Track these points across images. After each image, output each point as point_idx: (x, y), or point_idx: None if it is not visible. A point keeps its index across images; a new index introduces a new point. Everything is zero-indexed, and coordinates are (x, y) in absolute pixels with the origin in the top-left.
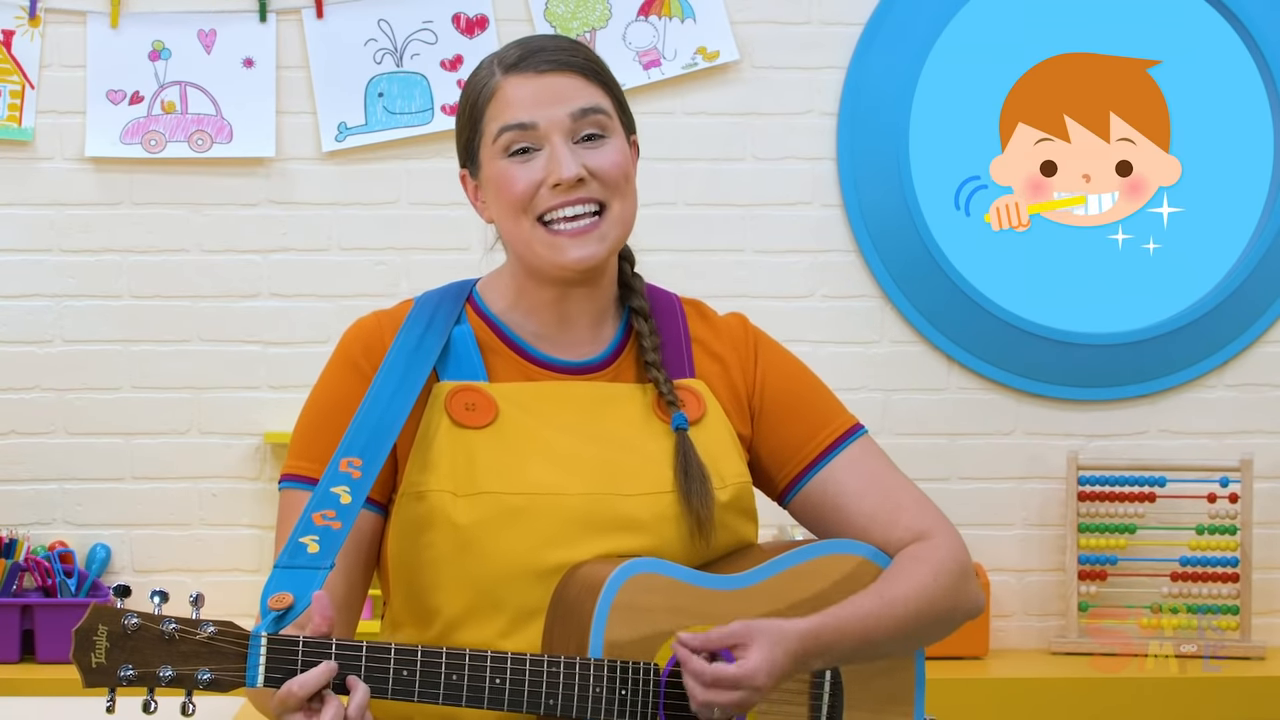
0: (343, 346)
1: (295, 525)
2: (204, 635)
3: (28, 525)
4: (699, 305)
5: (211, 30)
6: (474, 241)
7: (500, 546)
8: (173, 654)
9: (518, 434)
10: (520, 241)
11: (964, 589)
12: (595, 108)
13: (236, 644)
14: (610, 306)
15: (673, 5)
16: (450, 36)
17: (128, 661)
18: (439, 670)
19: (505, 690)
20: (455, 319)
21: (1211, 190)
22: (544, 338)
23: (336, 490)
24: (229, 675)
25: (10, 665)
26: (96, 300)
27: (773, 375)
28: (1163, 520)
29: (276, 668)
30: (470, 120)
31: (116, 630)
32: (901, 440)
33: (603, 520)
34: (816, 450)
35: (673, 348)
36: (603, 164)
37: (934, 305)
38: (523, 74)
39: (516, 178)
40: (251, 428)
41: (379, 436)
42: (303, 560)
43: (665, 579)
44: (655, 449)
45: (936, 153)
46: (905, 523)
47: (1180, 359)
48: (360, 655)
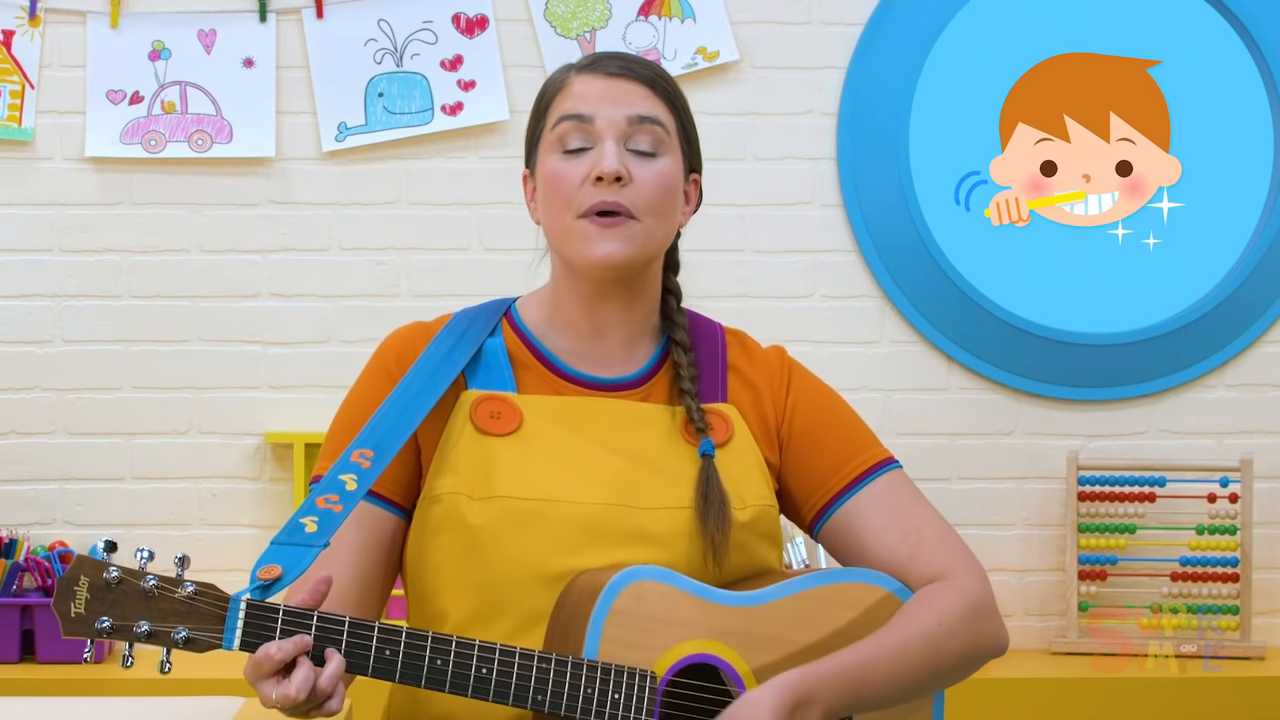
0: (378, 354)
1: (301, 505)
2: (183, 594)
3: (28, 525)
4: (741, 336)
5: (211, 30)
6: (474, 241)
7: (509, 550)
8: (151, 610)
9: (540, 443)
10: (560, 238)
11: (979, 630)
12: (654, 117)
13: (215, 605)
14: (648, 330)
15: (673, 5)
16: (450, 36)
17: (106, 614)
18: (423, 653)
19: (491, 680)
20: (490, 331)
21: (1211, 190)
22: (577, 353)
23: (344, 478)
24: (206, 636)
25: (10, 665)
26: (96, 300)
27: (803, 405)
28: (1163, 520)
29: (254, 633)
30: (536, 114)
31: (98, 582)
32: (901, 440)
33: (616, 530)
34: (843, 482)
35: (708, 372)
36: (645, 176)
37: (934, 305)
38: (592, 73)
39: (564, 173)
40: (251, 428)
41: (394, 431)
42: (299, 538)
43: (669, 588)
44: (678, 470)
45: (936, 153)
46: (925, 560)
47: (1180, 359)
48: (342, 629)
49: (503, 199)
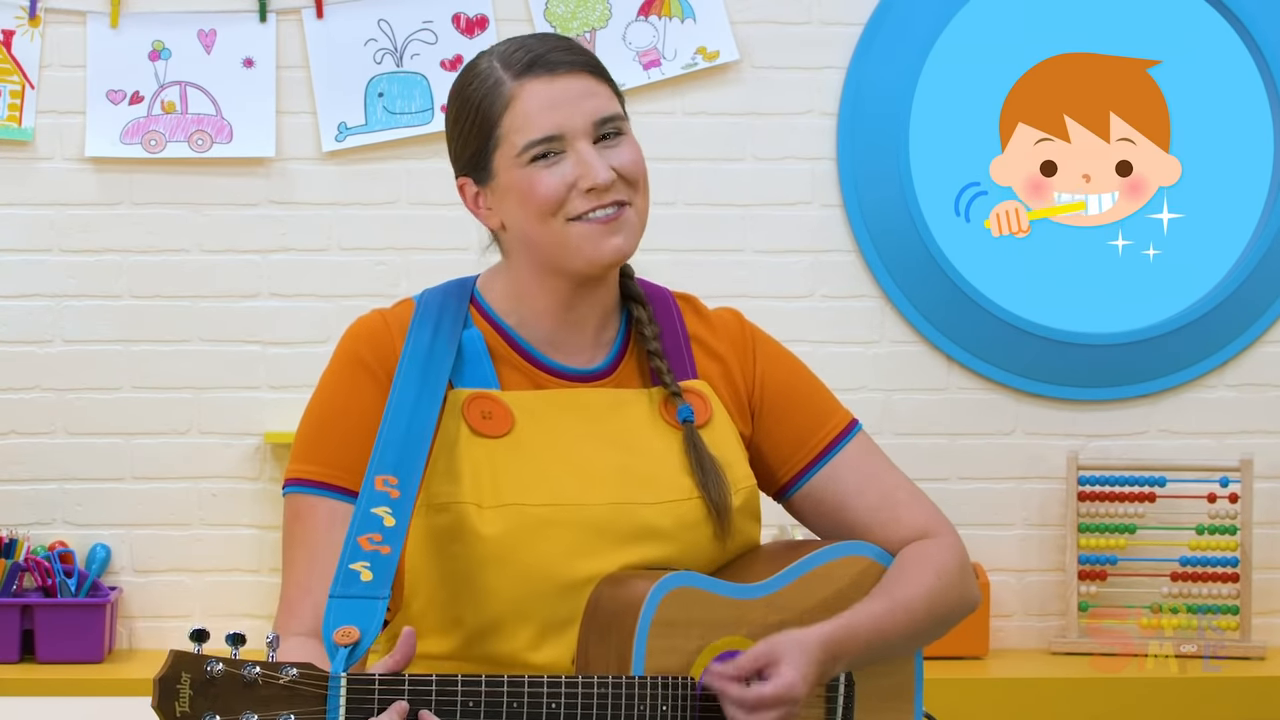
0: (347, 347)
1: (343, 549)
2: (286, 679)
3: (28, 525)
4: (692, 300)
5: (211, 30)
6: (473, 242)
7: (528, 559)
8: (255, 699)
9: (536, 443)
10: (550, 243)
11: (965, 586)
12: (613, 114)
13: (317, 686)
14: (613, 308)
15: (673, 5)
16: (450, 36)
17: (211, 709)
18: (501, 698)
19: (560, 714)
20: (463, 322)
21: (1211, 190)
22: (549, 343)
23: (378, 512)
24: (310, 717)
25: (10, 665)
26: (96, 300)
27: (772, 372)
28: (1163, 520)
29: (356, 708)
30: (480, 130)
31: (200, 678)
32: (901, 440)
33: (626, 530)
34: (818, 448)
35: (673, 347)
36: (625, 162)
37: (934, 305)
38: (535, 79)
39: (544, 182)
40: (251, 428)
41: (410, 452)
42: (357, 590)
43: (700, 592)
44: (666, 449)
45: (937, 153)
46: (906, 520)
47: (1180, 359)
48: (430, 689)
49: None
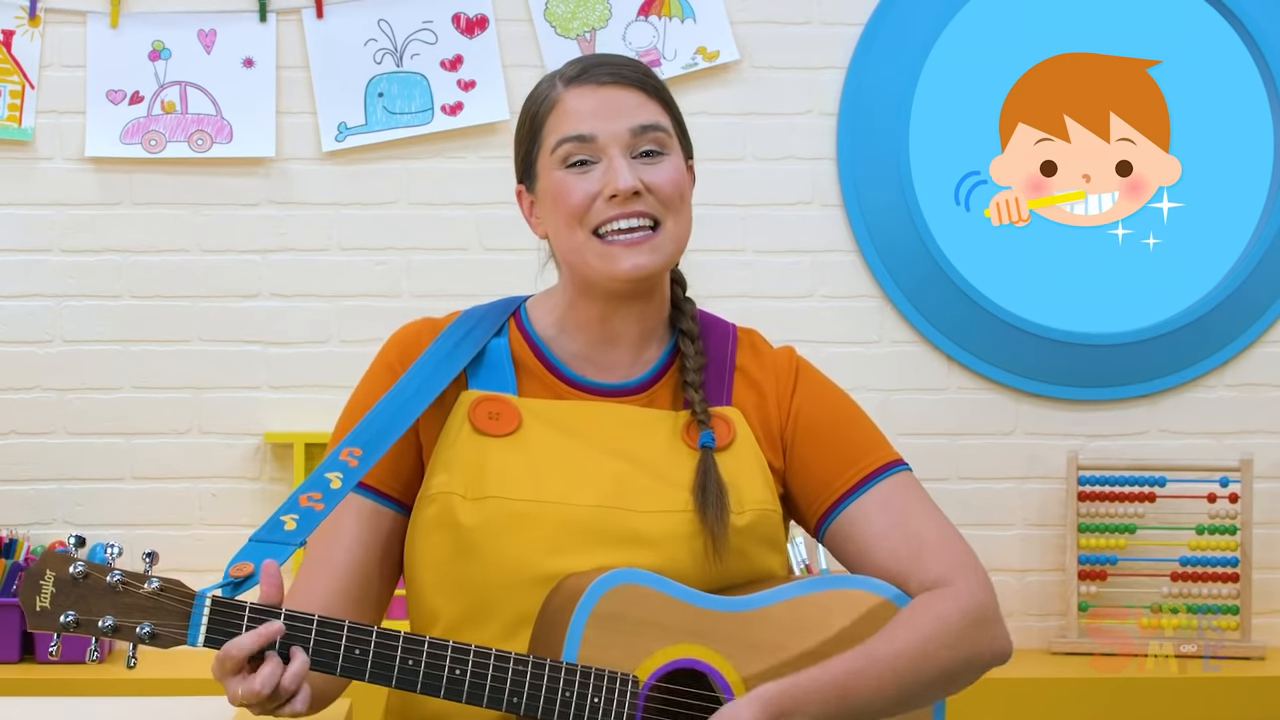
0: (384, 350)
1: (282, 504)
2: (148, 589)
3: (28, 525)
4: (754, 337)
5: (211, 30)
6: (473, 242)
7: (500, 551)
8: (116, 605)
9: (537, 445)
10: (574, 253)
11: (976, 639)
12: (655, 124)
13: (181, 602)
14: (659, 329)
15: (673, 5)
16: (450, 36)
17: (71, 608)
18: (393, 653)
19: (464, 682)
20: (496, 331)
21: (1211, 190)
22: (585, 358)
23: (329, 475)
24: (170, 631)
25: (10, 665)
26: (96, 300)
27: (808, 407)
28: (1163, 520)
29: (219, 629)
30: (529, 133)
31: (64, 576)
32: (901, 440)
33: (609, 532)
34: (846, 485)
35: (715, 373)
36: (659, 180)
37: (934, 305)
38: (583, 86)
39: (573, 188)
40: (251, 428)
41: (386, 428)
42: (278, 536)
43: (653, 592)
44: (675, 472)
45: (936, 152)
46: (925, 566)
47: (1180, 359)
48: (310, 627)
49: (503, 199)
